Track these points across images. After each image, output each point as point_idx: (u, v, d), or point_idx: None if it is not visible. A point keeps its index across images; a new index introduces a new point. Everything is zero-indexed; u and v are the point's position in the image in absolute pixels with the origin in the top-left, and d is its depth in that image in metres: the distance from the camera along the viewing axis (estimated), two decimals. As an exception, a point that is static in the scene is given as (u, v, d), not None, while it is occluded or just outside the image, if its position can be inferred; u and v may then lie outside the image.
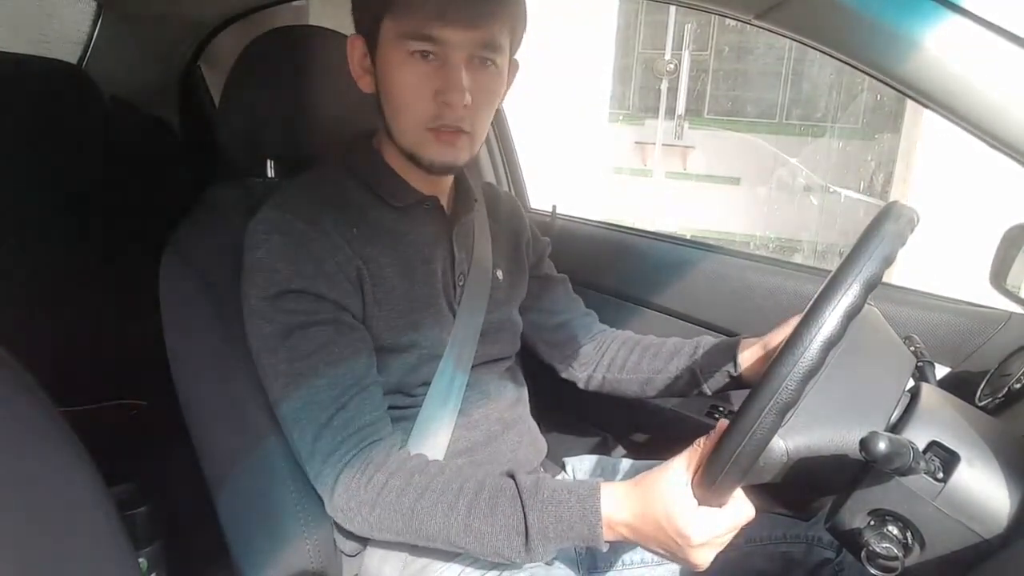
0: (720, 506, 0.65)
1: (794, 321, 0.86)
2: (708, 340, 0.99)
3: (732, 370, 0.93)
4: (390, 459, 0.73)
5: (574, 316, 1.08)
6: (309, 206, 0.78)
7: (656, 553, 0.70)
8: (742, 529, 0.67)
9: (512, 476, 0.72)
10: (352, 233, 0.79)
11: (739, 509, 0.66)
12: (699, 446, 0.67)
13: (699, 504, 0.65)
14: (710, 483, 0.62)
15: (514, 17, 0.79)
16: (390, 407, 0.83)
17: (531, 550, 0.69)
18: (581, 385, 1.08)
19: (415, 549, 0.80)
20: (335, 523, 0.79)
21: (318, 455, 0.73)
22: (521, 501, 0.69)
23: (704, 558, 0.66)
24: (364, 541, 0.83)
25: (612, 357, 1.05)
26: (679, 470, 0.66)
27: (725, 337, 0.99)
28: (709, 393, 0.97)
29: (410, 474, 0.72)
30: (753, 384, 0.92)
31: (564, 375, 1.08)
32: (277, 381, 0.74)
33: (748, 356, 0.92)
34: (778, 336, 0.89)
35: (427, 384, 0.83)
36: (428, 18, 0.72)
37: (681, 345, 1.00)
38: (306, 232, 0.75)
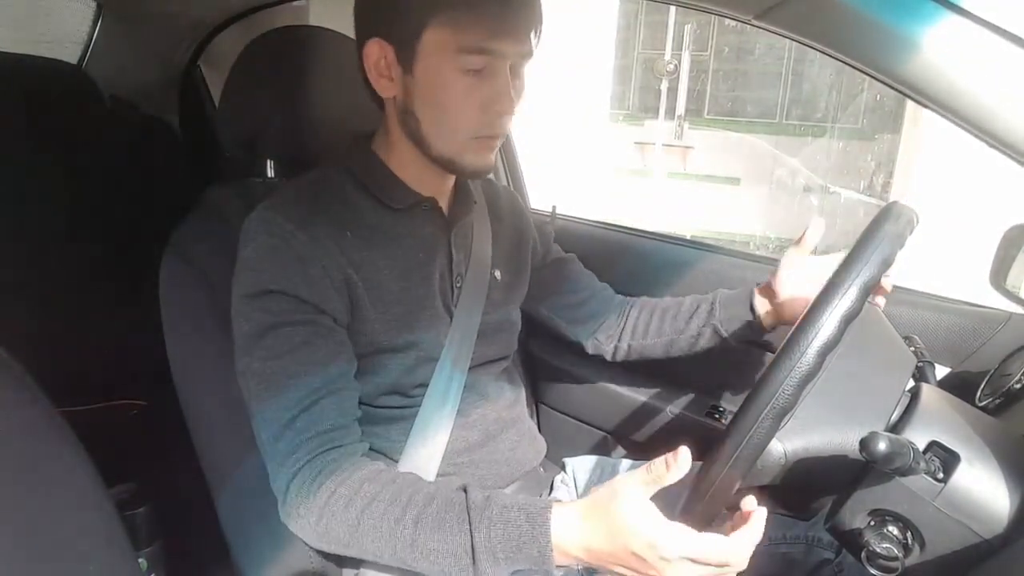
0: (706, 524, 0.61)
1: (793, 257, 0.92)
2: (724, 293, 1.01)
3: (751, 317, 0.95)
4: (342, 466, 0.70)
5: (594, 291, 1.09)
6: (302, 208, 0.77)
7: None
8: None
9: (465, 490, 0.68)
10: (346, 237, 0.78)
11: (728, 539, 0.61)
12: (650, 469, 0.61)
13: (682, 516, 0.61)
14: (710, 481, 0.61)
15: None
16: (389, 407, 0.83)
17: (480, 573, 0.65)
18: (608, 357, 1.08)
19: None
20: None
21: (277, 456, 0.71)
22: (468, 518, 0.65)
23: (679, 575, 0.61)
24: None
25: (634, 324, 1.06)
26: (633, 481, 0.62)
27: (739, 290, 1.00)
28: (734, 344, 0.99)
29: (359, 483, 0.69)
30: (772, 327, 0.95)
31: (591, 351, 1.09)
32: (250, 380, 0.74)
33: (763, 303, 0.95)
34: (783, 276, 0.92)
35: (425, 385, 0.83)
36: (487, 32, 0.72)
37: (698, 302, 1.02)
38: (294, 234, 0.75)
